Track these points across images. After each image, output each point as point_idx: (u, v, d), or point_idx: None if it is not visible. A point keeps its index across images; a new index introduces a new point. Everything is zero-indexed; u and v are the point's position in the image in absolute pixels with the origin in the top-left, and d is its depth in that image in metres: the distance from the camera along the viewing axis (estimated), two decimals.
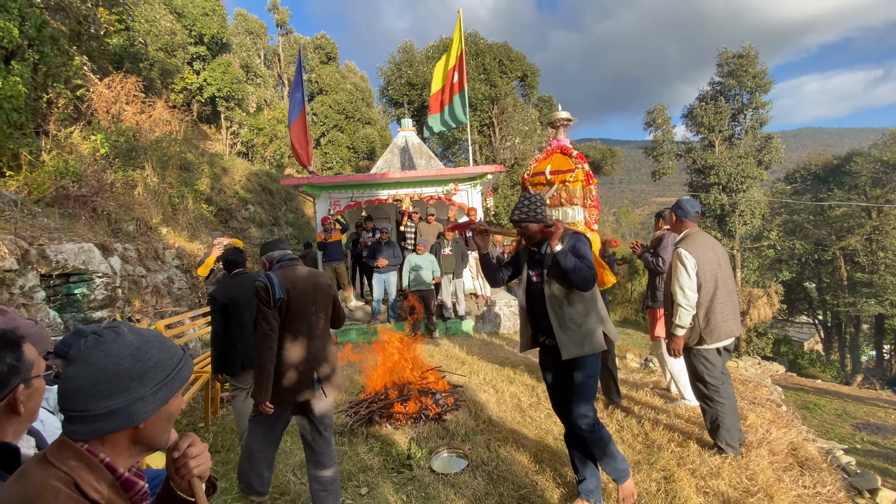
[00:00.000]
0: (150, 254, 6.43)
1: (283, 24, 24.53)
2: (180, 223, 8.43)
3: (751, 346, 22.92)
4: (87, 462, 0.87)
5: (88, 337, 0.92)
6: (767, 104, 22.74)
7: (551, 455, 3.28)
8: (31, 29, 6.22)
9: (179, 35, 13.42)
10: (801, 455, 3.21)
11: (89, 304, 4.79)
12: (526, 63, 22.07)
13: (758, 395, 4.55)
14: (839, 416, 11.92)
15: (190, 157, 11.09)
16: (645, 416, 3.84)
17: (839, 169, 26.09)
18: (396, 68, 21.89)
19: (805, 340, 32.40)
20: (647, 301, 4.36)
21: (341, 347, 7.34)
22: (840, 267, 25.61)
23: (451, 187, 8.85)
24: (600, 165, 24.70)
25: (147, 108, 9.85)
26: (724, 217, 22.44)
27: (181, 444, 0.98)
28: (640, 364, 6.46)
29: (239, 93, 14.74)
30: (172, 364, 0.99)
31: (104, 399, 0.89)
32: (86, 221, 5.91)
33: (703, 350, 3.14)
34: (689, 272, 3.06)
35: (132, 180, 7.68)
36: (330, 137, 21.11)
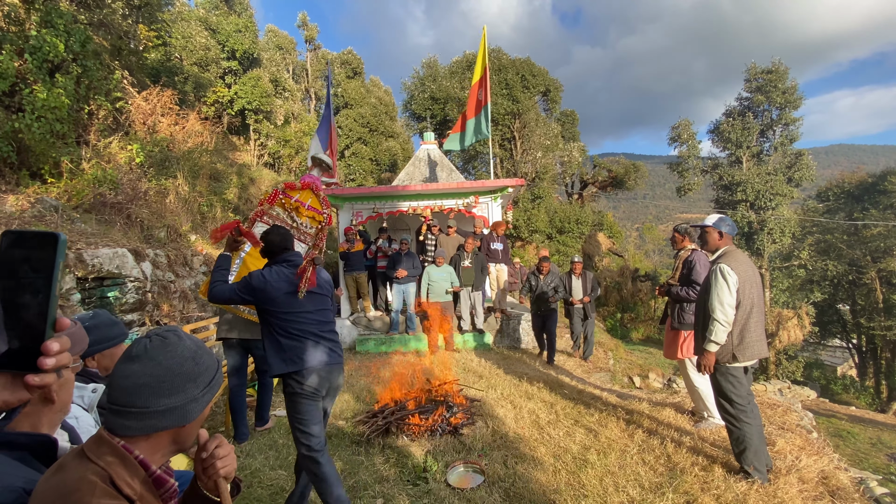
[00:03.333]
0: (179, 260, 6.64)
1: (311, 39, 25.27)
2: (208, 231, 8.69)
3: (780, 369, 22.06)
4: (122, 458, 0.91)
5: (152, 338, 1.00)
6: (798, 120, 22.21)
7: (569, 474, 3.21)
8: (76, 44, 6.58)
9: (213, 50, 13.98)
10: (833, 484, 3.07)
11: (121, 306, 4.96)
12: (549, 78, 22.14)
13: (787, 420, 4.37)
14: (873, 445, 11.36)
15: (219, 168, 11.46)
16: (668, 436, 3.73)
17: (874, 187, 25.16)
18: (420, 83, 22.25)
19: (838, 365, 31.02)
20: (672, 322, 4.23)
21: (360, 357, 7.39)
22: (876, 289, 24.52)
23: (472, 200, 8.89)
24: (623, 180, 24.41)
25: (181, 120, 10.26)
26: (752, 235, 21.86)
27: (209, 445, 1.02)
28: (663, 384, 6.30)
29: (267, 106, 15.20)
30: (215, 369, 1.07)
31: (165, 397, 0.95)
32: (120, 227, 6.15)
33: (731, 368, 3.06)
34: (731, 288, 3.00)
35: (165, 189, 7.98)
36: (354, 150, 21.51)
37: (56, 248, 0.73)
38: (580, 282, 7.02)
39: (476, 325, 7.89)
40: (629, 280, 21.95)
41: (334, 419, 4.49)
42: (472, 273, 7.64)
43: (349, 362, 6.97)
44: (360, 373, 6.34)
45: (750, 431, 2.99)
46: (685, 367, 4.12)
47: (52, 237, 0.73)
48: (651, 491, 2.95)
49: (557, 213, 21.17)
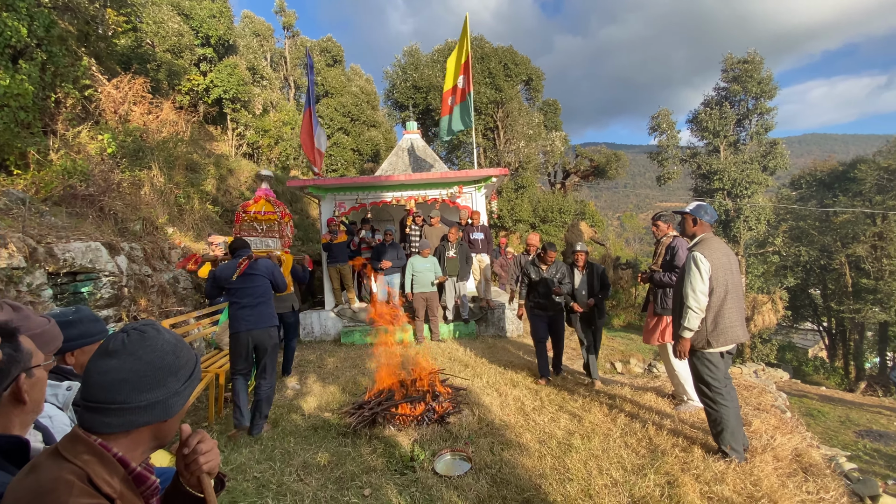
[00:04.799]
0: (156, 253, 6.47)
1: (289, 26, 24.66)
2: (186, 223, 8.47)
3: (755, 353, 22.80)
4: (100, 456, 0.88)
5: (130, 332, 0.96)
6: (773, 110, 22.70)
7: (554, 458, 3.27)
8: (40, 29, 6.27)
9: (187, 37, 13.50)
10: (805, 461, 3.19)
11: (95, 302, 4.82)
12: (531, 67, 22.10)
13: (762, 401, 4.52)
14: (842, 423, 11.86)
15: (196, 158, 11.15)
16: (649, 420, 3.82)
17: (844, 175, 25.98)
18: (402, 71, 21.97)
19: (809, 347, 32.22)
20: (655, 308, 4.30)
21: (346, 349, 7.35)
22: (845, 274, 25.45)
23: (456, 190, 8.86)
24: (604, 170, 24.65)
25: (154, 109, 9.92)
26: (729, 223, 22.38)
27: (191, 441, 1.00)
28: (644, 369, 6.43)
29: (245, 95, 14.80)
30: (194, 362, 1.05)
31: (147, 392, 0.93)
32: (93, 220, 5.95)
33: (707, 353, 3.13)
34: (703, 276, 3.06)
35: (139, 180, 7.73)
36: (335, 140, 21.17)
37: None
38: (584, 278, 5.18)
39: (461, 314, 7.92)
40: (610, 268, 22.33)
41: (320, 411, 4.48)
42: (457, 263, 7.64)
43: (334, 355, 6.94)
44: (346, 364, 6.32)
45: (727, 413, 3.08)
46: (665, 351, 4.22)
47: None
48: (633, 472, 3.02)
49: (541, 202, 21.30)
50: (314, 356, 6.84)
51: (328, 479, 3.15)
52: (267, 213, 6.80)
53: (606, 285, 5.13)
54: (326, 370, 6.09)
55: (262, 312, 3.96)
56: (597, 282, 5.12)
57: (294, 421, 4.25)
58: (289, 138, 16.36)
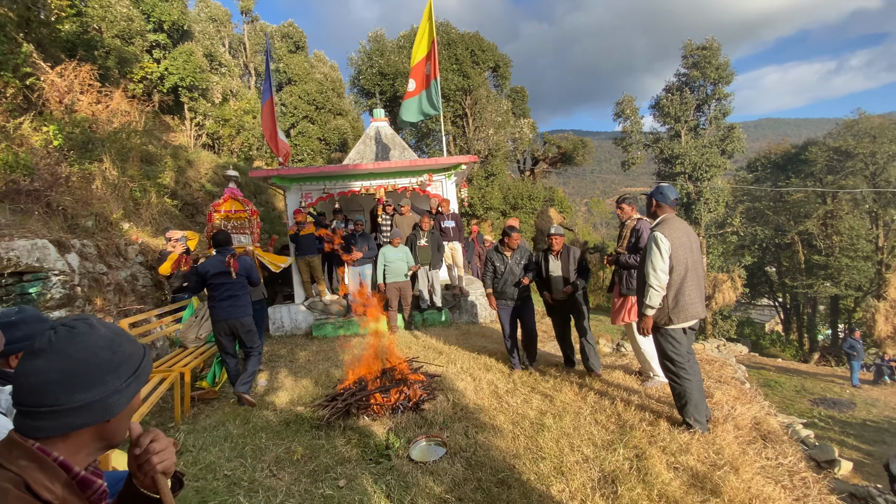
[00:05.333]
0: (111, 250, 6.15)
1: (248, 11, 23.69)
2: (143, 218, 8.09)
3: (716, 329, 23.86)
4: (38, 461, 0.82)
5: (58, 329, 0.89)
6: (730, 95, 23.52)
7: (527, 438, 3.33)
8: None
9: (137, 21, 12.75)
10: (764, 429, 3.36)
11: (46, 303, 4.56)
12: (498, 53, 22.06)
13: (723, 373, 4.73)
14: (798, 392, 12.59)
15: (152, 150, 10.62)
16: (618, 397, 3.94)
17: (796, 157, 27.28)
18: (367, 58, 21.53)
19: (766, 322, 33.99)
20: (620, 289, 4.41)
21: (318, 342, 7.24)
22: (798, 251, 26.87)
23: (426, 178, 8.79)
24: (572, 156, 25.01)
25: (104, 98, 9.37)
26: (691, 205, 23.19)
27: (143, 440, 0.94)
28: (612, 349, 6.62)
29: (203, 82, 14.16)
30: (140, 357, 0.98)
31: (80, 392, 0.86)
32: (39, 217, 5.59)
33: (670, 329, 3.24)
34: (663, 255, 3.14)
35: (89, 174, 7.30)
36: (300, 129, 20.60)
37: None
38: (560, 263, 4.79)
39: (435, 303, 7.92)
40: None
41: (292, 406, 4.40)
42: (429, 251, 7.61)
43: (306, 348, 6.82)
44: (319, 357, 6.23)
45: (690, 387, 3.20)
46: (631, 330, 4.34)
47: None
48: (604, 448, 3.11)
49: (511, 189, 21.45)
50: (285, 350, 6.71)
51: (302, 472, 3.11)
52: (237, 211, 7.43)
53: (585, 269, 4.72)
54: (298, 364, 5.99)
55: (238, 304, 4.52)
56: (573, 266, 4.73)
57: (265, 417, 4.16)
58: (251, 127, 15.81)
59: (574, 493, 2.63)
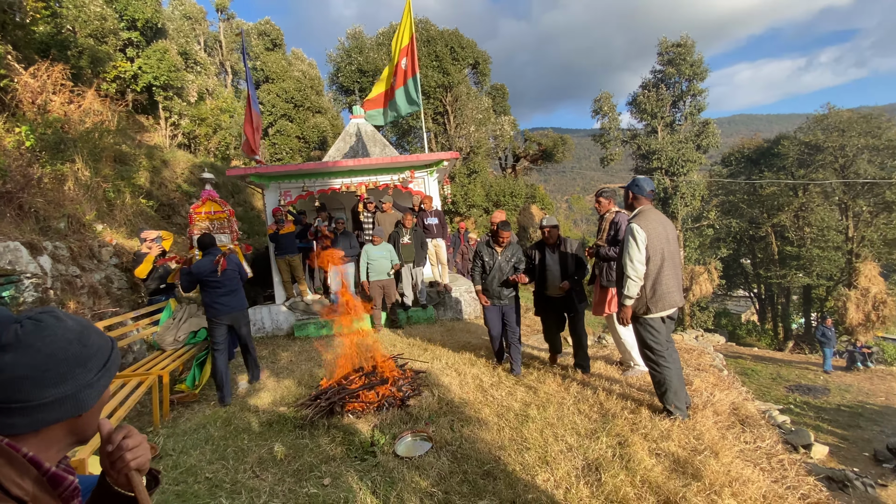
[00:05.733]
0: (85, 252, 5.97)
1: (223, 8, 23.18)
2: (118, 219, 7.86)
3: (694, 320, 24.40)
4: (7, 457, 0.79)
5: (24, 322, 0.85)
6: (704, 91, 24.03)
7: (512, 430, 3.35)
8: None
9: (110, 20, 12.36)
10: (742, 414, 3.46)
11: (18, 306, 4.40)
12: (477, 51, 22.08)
13: (702, 361, 4.84)
14: (774, 380, 12.96)
15: (126, 150, 10.33)
16: (600, 386, 4.00)
17: (769, 151, 28.07)
18: (346, 55, 21.32)
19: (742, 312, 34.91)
20: (601, 281, 4.47)
21: (300, 343, 7.16)
22: (772, 243, 27.67)
23: (408, 175, 8.75)
24: (552, 153, 25.23)
25: (76, 98, 9.07)
26: (668, 199, 23.64)
27: (115, 437, 0.92)
28: (594, 340, 6.71)
29: (178, 81, 13.81)
30: (108, 349, 0.96)
31: (52, 387, 0.83)
32: (11, 219, 5.38)
33: (649, 319, 3.30)
34: (640, 246, 3.19)
35: (62, 174, 7.06)
36: (279, 127, 20.29)
37: None
38: (557, 256, 4.45)
39: (419, 300, 7.91)
40: None
41: (275, 406, 4.35)
42: (412, 249, 7.59)
43: (288, 349, 6.74)
44: (301, 358, 6.16)
45: (670, 375, 3.27)
46: (612, 321, 4.41)
47: None
48: (587, 437, 3.15)
49: (493, 186, 21.54)
50: (266, 352, 6.61)
51: (285, 472, 3.07)
52: (217, 212, 7.73)
53: (582, 265, 4.41)
54: (280, 365, 5.91)
55: (238, 296, 4.81)
56: (571, 261, 4.40)
57: (247, 418, 4.10)
58: (227, 126, 15.50)
59: (559, 482, 2.66)
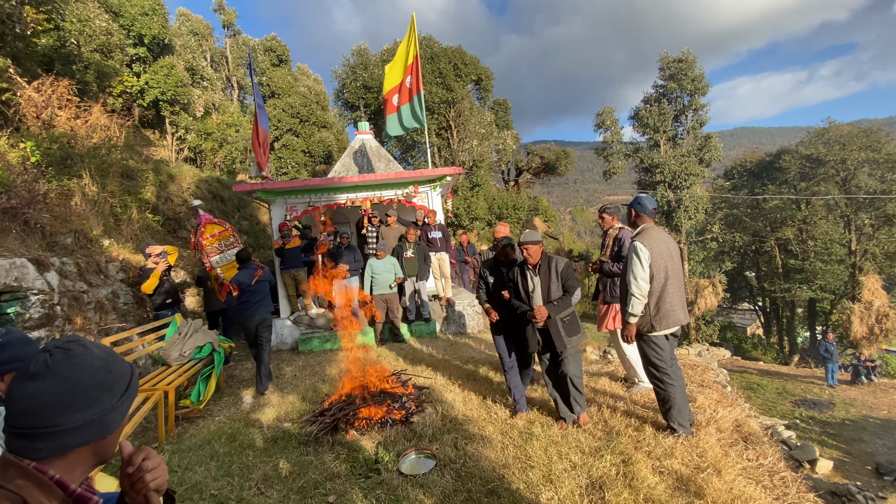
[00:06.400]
0: (92, 268, 6.04)
1: (230, 25, 23.67)
2: (124, 234, 7.95)
3: (699, 334, 24.22)
4: (35, 480, 0.83)
5: (53, 352, 0.91)
6: (706, 105, 24.18)
7: (516, 448, 3.35)
8: None
9: (116, 35, 12.64)
10: (745, 431, 3.45)
11: (24, 323, 4.45)
12: (480, 67, 22.39)
13: (705, 378, 4.83)
14: (780, 395, 12.83)
15: (132, 165, 10.48)
16: (604, 403, 4.00)
17: (771, 165, 28.14)
18: (351, 71, 21.65)
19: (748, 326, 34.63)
20: (605, 297, 4.49)
21: (304, 357, 7.17)
22: (775, 256, 27.58)
23: (411, 190, 8.84)
24: (555, 166, 25.38)
25: (83, 113, 9.22)
26: (671, 213, 23.66)
27: (135, 458, 0.96)
28: (599, 356, 6.70)
29: (184, 96, 14.07)
30: (129, 374, 1.01)
31: (79, 412, 0.88)
32: (17, 235, 5.46)
33: (653, 336, 3.32)
34: (643, 264, 3.23)
35: (68, 190, 7.17)
36: (284, 142, 20.54)
37: None
38: (539, 279, 3.68)
39: (422, 314, 7.93)
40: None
41: (279, 422, 4.36)
42: (416, 263, 7.63)
43: (292, 363, 6.76)
44: (305, 372, 6.17)
45: (674, 392, 3.28)
46: (616, 337, 4.41)
47: None
48: (591, 455, 3.15)
49: (496, 199, 21.65)
50: (271, 366, 6.62)
51: (290, 489, 3.08)
52: (220, 232, 7.97)
53: (570, 286, 3.60)
54: (284, 379, 5.93)
55: (266, 303, 5.61)
56: (556, 283, 3.61)
57: (251, 434, 4.11)
58: (234, 141, 15.71)
59: (563, 501, 2.66)
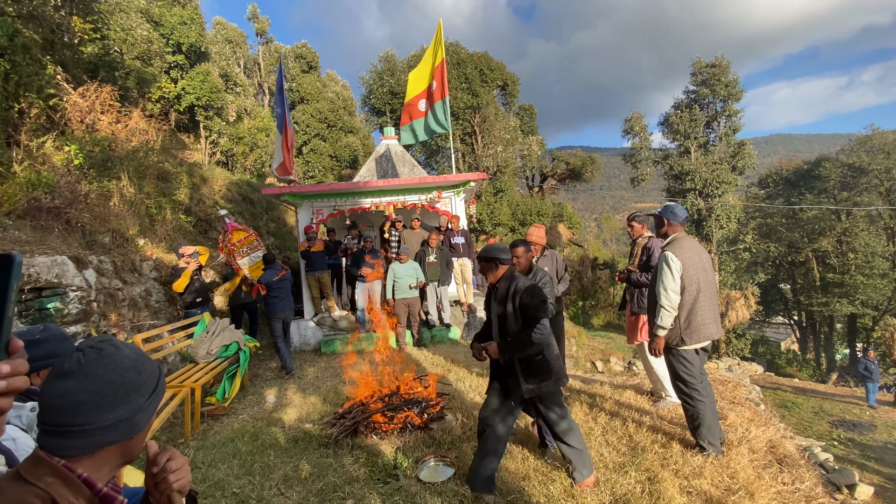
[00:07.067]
0: (127, 266, 6.27)
1: (262, 33, 24.39)
2: (158, 234, 8.24)
3: (730, 347, 23.40)
4: (64, 478, 0.85)
5: (86, 351, 0.93)
6: (739, 112, 23.47)
7: (537, 460, 3.29)
8: (3, 38, 6.06)
9: (156, 44, 13.20)
10: (780, 452, 3.29)
11: (63, 318, 4.64)
12: (506, 72, 22.36)
13: (737, 394, 4.64)
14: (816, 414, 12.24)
15: (168, 167, 10.88)
16: (629, 417, 3.88)
17: (809, 174, 27.05)
18: (378, 77, 21.95)
19: (782, 340, 33.26)
20: (632, 307, 4.38)
21: (326, 358, 7.26)
22: (813, 268, 26.42)
23: (435, 195, 8.87)
24: (580, 172, 25.06)
25: (123, 118, 9.64)
26: (701, 221, 23.00)
27: (160, 459, 0.97)
28: (624, 367, 6.53)
29: (218, 102, 14.54)
30: (157, 375, 1.03)
31: (110, 411, 0.90)
32: (59, 234, 5.73)
33: (682, 350, 3.20)
34: (674, 275, 3.11)
35: (108, 191, 7.49)
36: (312, 146, 20.97)
37: (10, 269, 0.74)
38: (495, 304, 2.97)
39: (443, 319, 7.91)
40: (589, 269, 22.65)
41: (300, 423, 4.40)
42: (438, 268, 7.64)
43: (315, 364, 6.84)
44: (327, 374, 6.23)
45: (703, 409, 3.15)
46: (643, 349, 4.29)
47: (7, 259, 0.74)
48: (615, 470, 3.06)
49: (519, 205, 21.51)
50: (294, 366, 6.73)
51: (310, 491, 3.09)
52: (246, 237, 8.51)
53: (532, 318, 2.70)
54: (306, 380, 6.00)
55: (290, 300, 6.50)
56: (515, 312, 2.79)
57: (273, 434, 4.16)
58: (264, 145, 16.13)
59: None
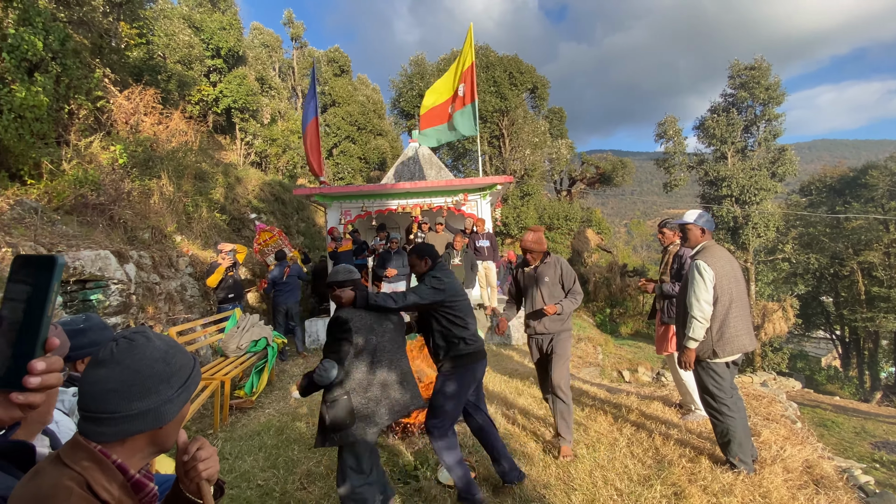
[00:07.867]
0: (165, 261, 6.54)
1: (297, 37, 25.03)
2: (194, 231, 8.56)
3: (766, 361, 22.44)
4: (99, 463, 0.89)
5: (119, 341, 0.97)
6: (781, 116, 22.52)
7: (559, 468, 3.24)
8: (55, 42, 6.43)
9: (197, 48, 13.76)
10: (817, 473, 3.13)
11: (104, 309, 4.88)
12: (536, 75, 22.19)
13: (772, 411, 4.45)
14: (857, 434, 11.59)
15: (205, 167, 11.30)
16: (656, 430, 3.78)
17: (855, 181, 25.70)
18: (408, 81, 22.17)
19: (822, 356, 31.65)
20: (662, 317, 4.25)
21: None
22: (857, 281, 25.06)
23: (461, 198, 8.88)
24: (610, 177, 24.61)
25: (164, 119, 10.08)
26: (738, 229, 22.17)
27: (191, 448, 1.01)
28: (651, 378, 6.37)
29: (254, 104, 15.02)
30: (190, 368, 1.05)
31: (137, 400, 0.93)
32: (103, 229, 6.03)
33: (712, 363, 3.08)
34: (707, 284, 3.00)
35: (149, 189, 7.85)
36: (342, 148, 21.37)
37: (53, 270, 0.78)
38: None
39: None
40: (618, 275, 22.17)
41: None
42: (462, 271, 7.63)
43: None
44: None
45: (733, 424, 3.02)
46: (672, 360, 4.17)
47: (50, 260, 0.78)
48: (639, 483, 2.98)
49: (546, 209, 21.28)
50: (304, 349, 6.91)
51: (331, 487, 3.14)
52: (271, 237, 9.39)
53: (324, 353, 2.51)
54: None
55: (295, 294, 7.55)
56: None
57: (298, 429, 4.25)
58: (296, 147, 16.53)
59: None
